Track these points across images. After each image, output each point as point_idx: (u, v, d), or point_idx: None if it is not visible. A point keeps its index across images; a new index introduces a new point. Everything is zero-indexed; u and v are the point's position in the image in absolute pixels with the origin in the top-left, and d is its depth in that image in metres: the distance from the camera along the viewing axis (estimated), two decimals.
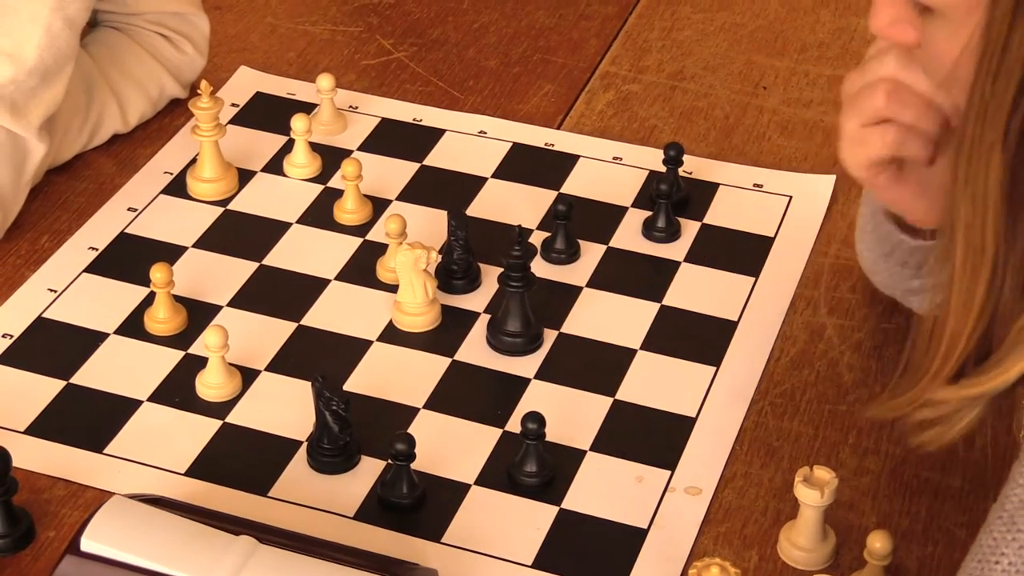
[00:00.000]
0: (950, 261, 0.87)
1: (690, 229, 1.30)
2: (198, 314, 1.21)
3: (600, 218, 1.32)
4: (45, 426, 1.11)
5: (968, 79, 0.84)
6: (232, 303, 1.23)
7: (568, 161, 1.39)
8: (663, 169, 1.31)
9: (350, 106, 1.45)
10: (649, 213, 1.30)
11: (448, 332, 1.20)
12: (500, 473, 1.08)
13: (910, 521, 1.03)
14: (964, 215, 0.85)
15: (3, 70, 1.20)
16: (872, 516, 1.04)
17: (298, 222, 1.31)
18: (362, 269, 1.26)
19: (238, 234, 1.30)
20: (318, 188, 1.35)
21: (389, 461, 1.05)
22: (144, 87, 1.39)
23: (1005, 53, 0.81)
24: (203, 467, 1.08)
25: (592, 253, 1.28)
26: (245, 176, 1.36)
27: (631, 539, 1.03)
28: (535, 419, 1.05)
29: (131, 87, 1.38)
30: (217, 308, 1.22)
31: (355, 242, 1.29)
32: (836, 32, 1.56)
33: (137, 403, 1.13)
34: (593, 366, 1.17)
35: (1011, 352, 0.85)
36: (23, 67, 1.20)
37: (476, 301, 1.23)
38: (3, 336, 1.19)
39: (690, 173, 1.35)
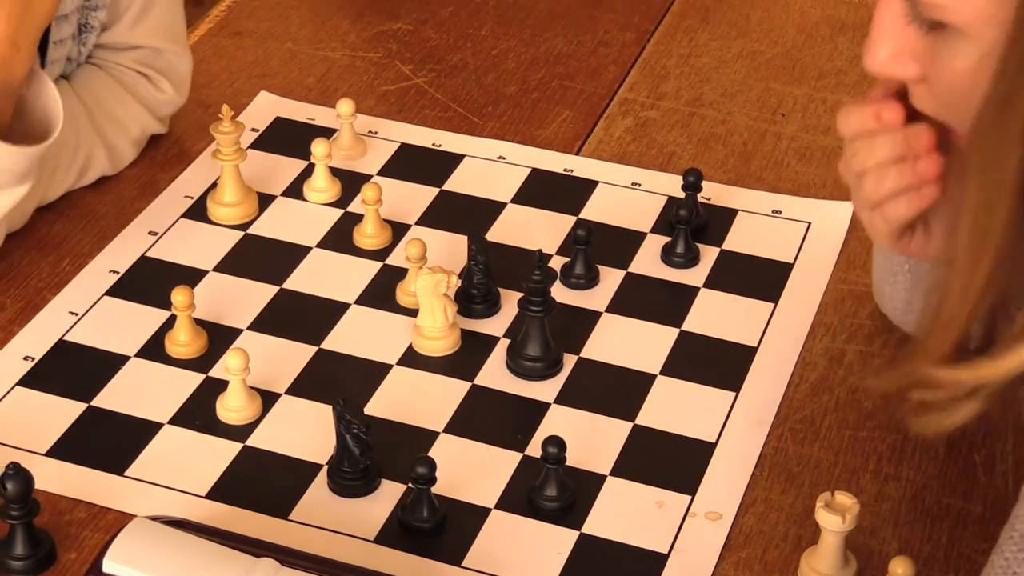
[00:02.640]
0: (954, 243, 0.88)
1: (709, 255, 1.30)
2: (219, 337, 1.21)
3: (619, 243, 1.32)
4: (66, 448, 1.11)
5: (979, 84, 0.84)
6: (252, 326, 1.23)
7: (587, 187, 1.39)
8: (682, 195, 1.31)
9: (369, 131, 1.45)
10: (668, 239, 1.31)
11: (468, 356, 1.20)
12: (520, 497, 1.08)
13: (931, 547, 1.03)
14: (974, 200, 0.86)
15: None
16: (893, 542, 1.04)
17: (318, 246, 1.32)
18: (382, 293, 1.26)
19: (258, 258, 1.30)
20: (338, 212, 1.35)
21: (410, 485, 1.05)
22: (128, 130, 1.39)
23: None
24: (224, 490, 1.08)
25: (611, 278, 1.28)
26: (265, 200, 1.36)
27: (651, 564, 1.03)
28: (555, 443, 1.05)
29: (116, 131, 1.38)
30: (238, 331, 1.22)
31: (375, 266, 1.29)
32: (853, 60, 1.56)
33: (158, 426, 1.13)
34: (613, 391, 1.17)
35: (1010, 346, 0.85)
36: None
37: (496, 325, 1.23)
38: (25, 359, 1.19)
39: (709, 199, 1.35)
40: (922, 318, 0.93)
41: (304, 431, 1.13)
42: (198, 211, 1.35)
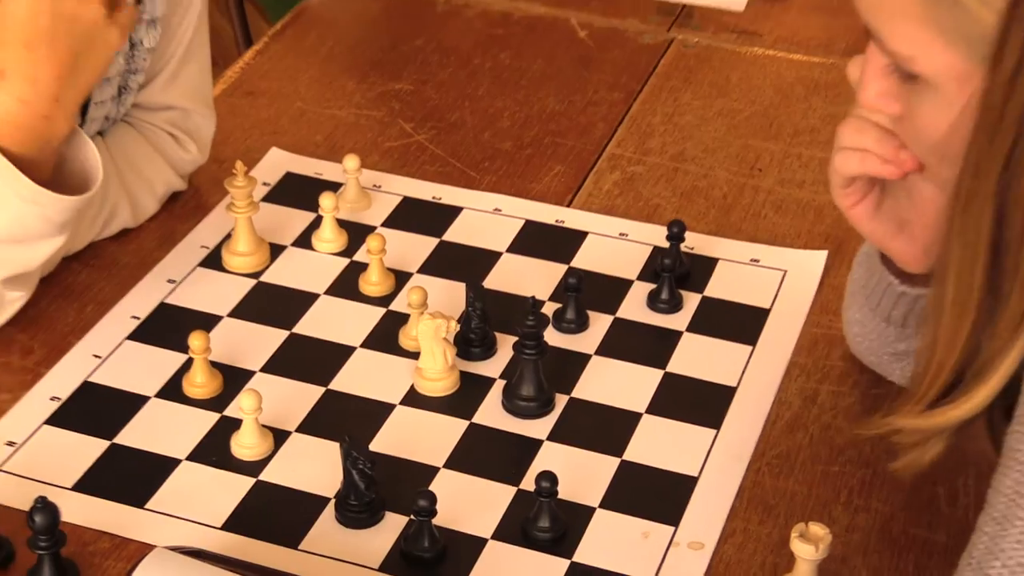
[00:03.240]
0: (941, 301, 0.89)
1: (692, 301, 1.31)
2: (233, 379, 1.21)
3: (608, 290, 1.32)
4: (91, 483, 1.12)
5: (957, 145, 0.86)
6: (265, 368, 1.24)
7: (577, 237, 1.40)
8: (666, 245, 1.32)
9: (374, 185, 1.46)
10: (653, 286, 1.31)
11: (466, 396, 1.21)
12: (515, 528, 1.08)
13: (898, 574, 1.04)
14: (957, 260, 0.87)
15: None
16: (863, 571, 1.04)
17: (326, 293, 1.32)
18: (386, 337, 1.27)
19: (270, 304, 1.31)
20: (344, 261, 1.36)
21: (412, 517, 1.06)
22: (152, 187, 1.39)
23: (1002, 116, 0.82)
24: (238, 521, 1.09)
25: (600, 323, 1.29)
26: (276, 250, 1.37)
27: None
28: (548, 478, 1.06)
29: (141, 187, 1.38)
30: (251, 373, 1.23)
31: (379, 312, 1.30)
32: (826, 118, 1.57)
33: (176, 462, 1.14)
34: (602, 428, 1.18)
35: (975, 388, 0.87)
36: None
37: (492, 367, 1.24)
38: (52, 399, 1.19)
39: (691, 249, 1.36)
40: (915, 368, 0.95)
41: (313, 467, 1.14)
42: (213, 260, 1.35)
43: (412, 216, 1.42)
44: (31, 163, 1.16)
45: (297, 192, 1.45)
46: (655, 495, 1.12)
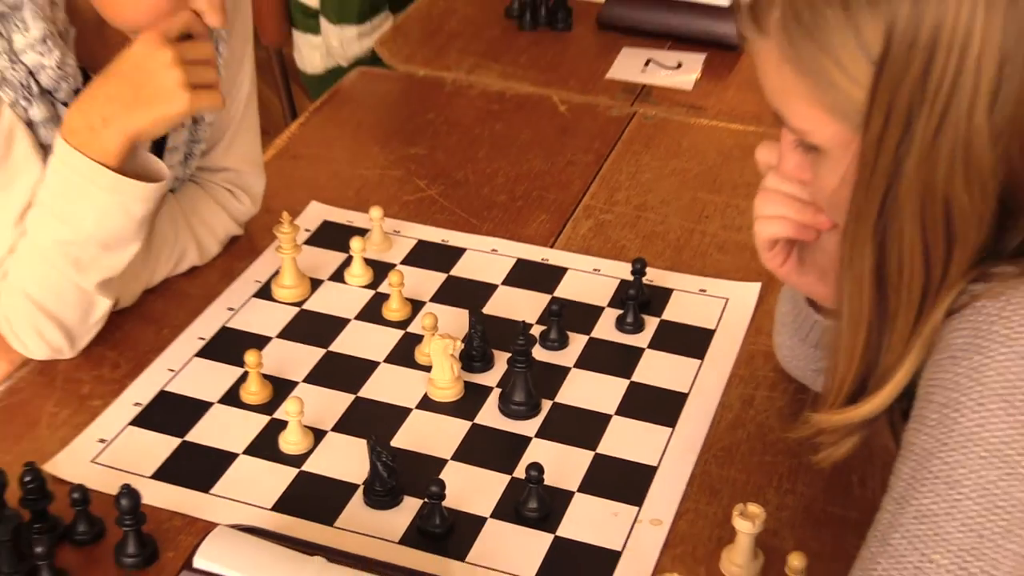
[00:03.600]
0: (839, 325, 0.90)
1: (651, 324, 1.31)
2: (280, 388, 1.22)
3: (584, 315, 1.32)
4: (166, 472, 1.12)
5: (846, 198, 0.86)
6: (306, 380, 1.24)
7: (559, 272, 1.40)
8: (631, 278, 1.32)
9: (394, 231, 1.46)
10: (620, 311, 1.31)
11: (469, 402, 1.21)
12: (509, 509, 1.08)
13: (819, 545, 1.04)
14: (848, 291, 0.88)
15: (61, 232, 1.16)
16: (790, 541, 1.05)
17: (355, 319, 1.32)
18: (404, 354, 1.27)
19: (310, 328, 1.31)
20: (370, 293, 1.36)
21: (425, 500, 1.06)
22: (215, 233, 1.39)
23: (874, 171, 0.83)
24: (285, 504, 1.09)
25: (578, 342, 1.29)
26: (316, 284, 1.37)
27: (609, 559, 1.04)
28: (536, 468, 1.06)
29: (206, 233, 1.37)
30: (295, 383, 1.23)
31: (398, 334, 1.30)
32: (759, 176, 1.56)
33: (235, 455, 1.14)
34: (579, 427, 1.18)
35: (876, 392, 0.88)
36: (81, 234, 1.16)
37: (490, 378, 1.24)
38: (135, 405, 1.20)
39: (651, 281, 1.36)
40: (825, 380, 0.95)
41: (345, 459, 1.14)
42: (265, 292, 1.35)
43: (425, 256, 1.42)
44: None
45: (332, 237, 1.45)
46: (622, 481, 1.12)
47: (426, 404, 1.21)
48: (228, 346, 1.27)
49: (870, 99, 0.80)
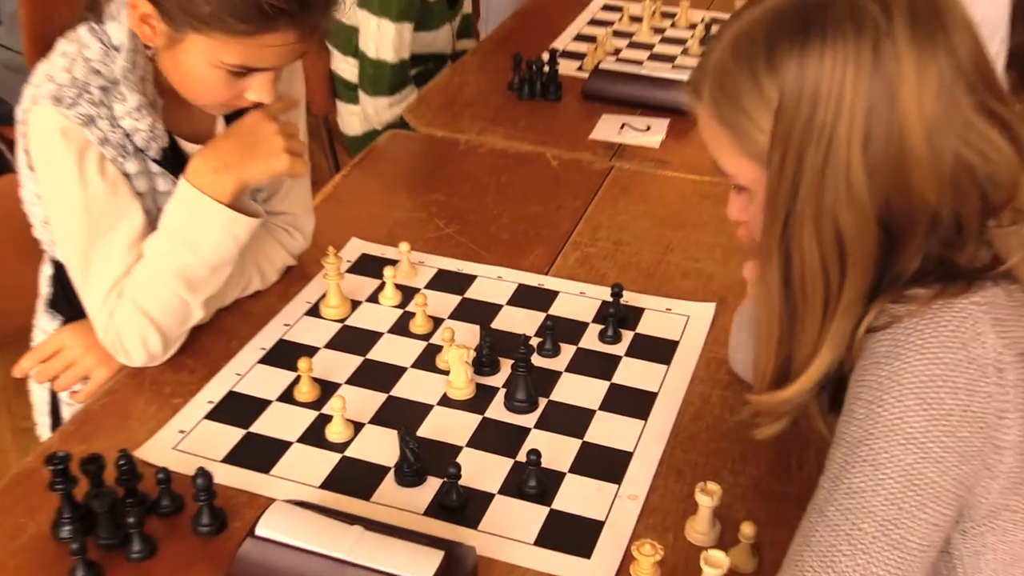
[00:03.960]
0: (759, 327, 0.91)
1: (627, 336, 1.31)
2: (327, 388, 1.21)
3: (573, 330, 1.32)
4: (233, 457, 1.12)
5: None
6: (348, 381, 1.23)
7: (552, 295, 1.39)
8: (610, 299, 1.32)
9: (419, 261, 1.45)
10: (602, 326, 1.31)
11: (480, 400, 1.20)
12: (513, 487, 1.08)
13: (766, 515, 1.03)
14: (763, 295, 0.89)
15: (183, 256, 1.18)
16: (743, 512, 1.04)
17: (388, 332, 1.32)
18: (427, 361, 1.26)
19: (351, 340, 1.30)
20: (400, 311, 1.35)
21: (445, 479, 1.06)
22: (274, 263, 1.38)
23: (776, 198, 0.84)
24: (331, 483, 1.08)
25: (568, 351, 1.28)
26: (355, 304, 1.36)
27: (594, 527, 1.03)
28: (535, 453, 1.06)
29: (267, 264, 1.37)
30: (338, 385, 1.22)
31: (422, 344, 1.29)
32: (713, 216, 1.58)
33: (289, 443, 1.14)
34: (569, 420, 1.17)
35: (795, 380, 0.89)
36: (198, 258, 1.18)
37: (497, 380, 1.23)
38: (208, 402, 1.19)
39: (627, 302, 1.36)
40: (753, 368, 0.96)
41: (379, 446, 1.13)
42: (314, 311, 1.35)
43: (444, 281, 1.42)
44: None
45: (368, 266, 1.45)
46: (605, 464, 1.11)
47: (445, 401, 1.20)
48: (284, 354, 1.27)
49: (771, 141, 0.83)
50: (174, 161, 1.21)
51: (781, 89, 0.81)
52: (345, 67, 2.29)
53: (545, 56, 2.01)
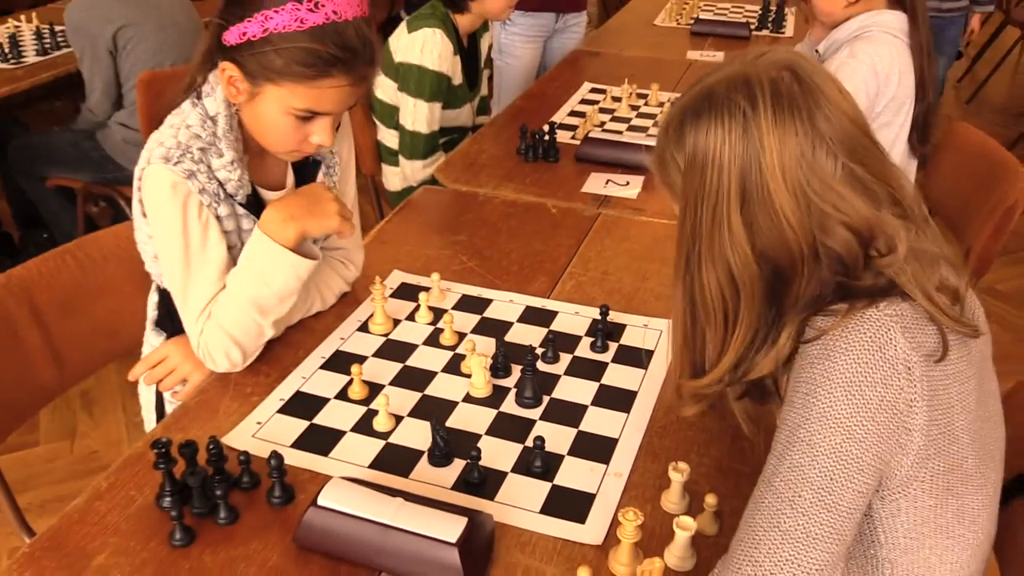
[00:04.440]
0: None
1: (613, 347, 1.30)
2: (374, 388, 1.21)
3: (569, 342, 1.31)
4: (301, 443, 1.11)
5: None
6: (391, 383, 1.22)
7: (553, 314, 1.39)
8: (599, 318, 1.31)
9: (447, 288, 1.45)
10: (593, 339, 1.30)
11: (496, 398, 1.20)
12: (523, 466, 1.07)
13: (725, 489, 1.03)
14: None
15: (257, 288, 1.17)
16: (707, 486, 1.03)
17: (422, 344, 1.31)
18: (454, 366, 1.26)
19: (393, 350, 1.30)
20: (431, 328, 1.35)
21: (468, 461, 1.05)
22: (332, 289, 1.38)
23: (681, 236, 0.87)
24: (377, 463, 1.08)
25: (566, 359, 1.28)
26: (396, 322, 1.36)
27: (588, 499, 1.02)
28: (540, 439, 1.06)
29: (327, 290, 1.37)
30: (383, 385, 1.22)
31: (449, 354, 1.29)
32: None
33: (343, 432, 1.13)
34: (567, 413, 1.17)
35: (708, 373, 0.90)
36: (269, 290, 1.18)
37: (509, 382, 1.23)
38: (279, 400, 1.18)
39: (612, 320, 1.35)
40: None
41: (416, 435, 1.12)
42: (364, 328, 1.34)
43: (467, 304, 1.42)
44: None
45: (407, 292, 1.45)
46: (596, 447, 1.10)
47: (468, 399, 1.20)
48: (340, 362, 1.26)
49: (682, 182, 0.86)
50: (255, 205, 1.22)
51: (684, 159, 0.85)
52: (388, 137, 2.31)
53: (546, 128, 2.03)
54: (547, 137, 1.97)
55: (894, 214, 0.83)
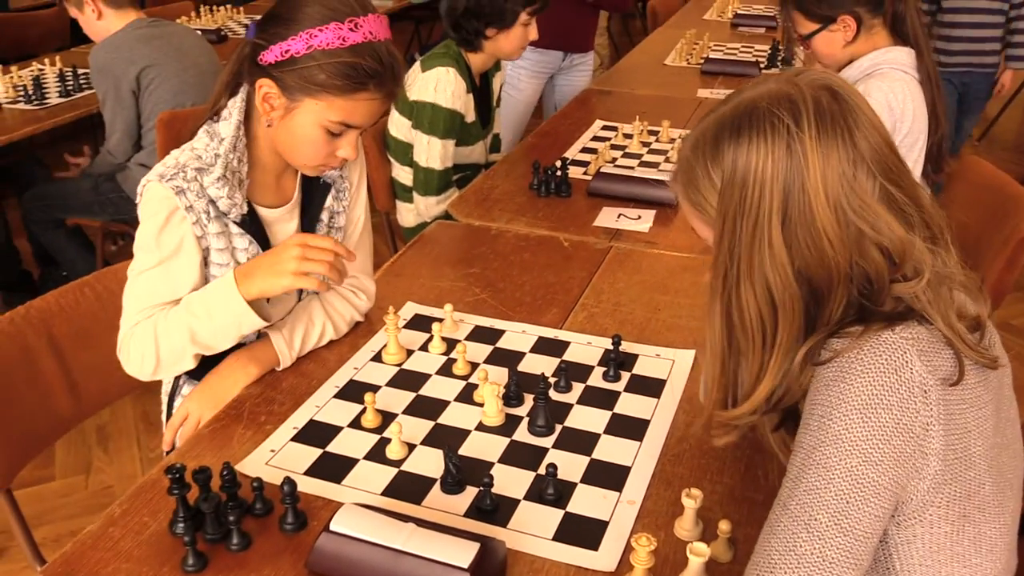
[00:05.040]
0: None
1: (625, 376, 1.30)
2: (387, 417, 1.21)
3: (581, 371, 1.32)
4: (313, 471, 1.11)
5: None
6: (404, 412, 1.22)
7: (565, 344, 1.39)
8: (612, 347, 1.31)
9: (460, 319, 1.46)
10: (605, 368, 1.30)
11: (508, 426, 1.19)
12: (535, 493, 1.07)
13: (739, 516, 1.02)
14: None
15: (200, 318, 1.18)
16: (720, 513, 1.02)
17: (435, 374, 1.31)
18: (466, 396, 1.26)
19: (407, 379, 1.30)
20: (445, 358, 1.35)
21: (480, 488, 1.05)
22: (345, 319, 1.39)
23: (718, 258, 0.85)
24: (389, 491, 1.08)
25: (578, 388, 1.28)
26: (410, 352, 1.36)
27: (600, 526, 1.02)
28: (552, 467, 1.05)
29: (339, 319, 1.38)
30: (396, 414, 1.22)
31: (462, 383, 1.29)
32: (692, 283, 1.58)
33: (356, 460, 1.13)
34: (580, 441, 1.16)
35: (744, 401, 0.88)
36: (208, 326, 1.18)
37: (522, 411, 1.22)
38: (293, 428, 1.19)
39: (624, 350, 1.35)
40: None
41: (429, 462, 1.12)
42: (377, 358, 1.35)
43: (480, 335, 1.42)
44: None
45: (421, 323, 1.45)
46: (609, 475, 1.10)
47: (480, 427, 1.20)
48: (354, 391, 1.27)
49: (717, 210, 0.85)
50: (252, 224, 1.24)
51: (722, 176, 0.84)
52: (403, 174, 2.34)
53: (558, 163, 2.04)
54: (559, 173, 1.99)
55: (923, 237, 0.83)
